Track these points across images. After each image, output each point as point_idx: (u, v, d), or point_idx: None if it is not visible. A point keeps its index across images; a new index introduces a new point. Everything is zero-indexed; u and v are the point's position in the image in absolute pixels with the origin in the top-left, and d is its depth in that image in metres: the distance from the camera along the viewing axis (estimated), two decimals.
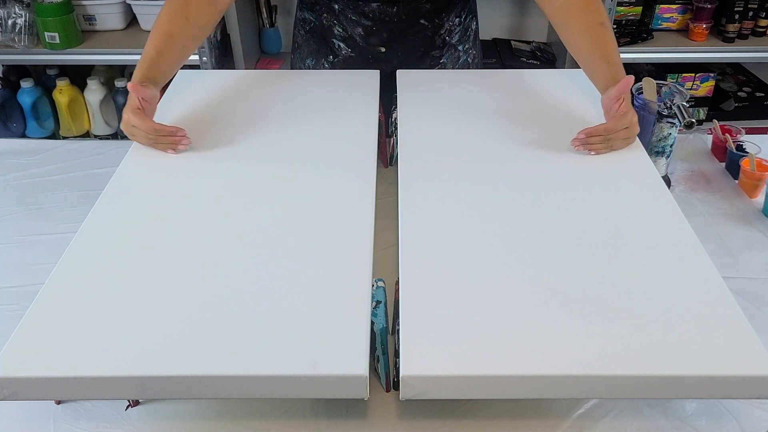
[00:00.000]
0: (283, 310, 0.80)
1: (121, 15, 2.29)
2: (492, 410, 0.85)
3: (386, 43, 1.38)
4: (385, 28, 1.36)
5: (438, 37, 1.41)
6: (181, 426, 0.84)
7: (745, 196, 1.27)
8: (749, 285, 1.05)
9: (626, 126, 1.09)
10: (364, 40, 1.38)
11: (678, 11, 2.33)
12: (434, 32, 1.40)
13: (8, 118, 2.35)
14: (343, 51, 1.41)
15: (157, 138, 1.09)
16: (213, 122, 1.20)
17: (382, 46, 1.38)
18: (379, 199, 1.01)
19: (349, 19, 1.36)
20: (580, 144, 1.09)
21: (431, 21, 1.37)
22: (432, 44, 1.41)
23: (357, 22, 1.35)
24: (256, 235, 0.92)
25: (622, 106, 1.08)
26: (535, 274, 0.85)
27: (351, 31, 1.37)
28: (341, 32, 1.39)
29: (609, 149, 1.11)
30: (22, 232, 1.19)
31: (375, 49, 1.39)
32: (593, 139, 1.09)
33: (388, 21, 1.34)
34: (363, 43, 1.39)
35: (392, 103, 1.28)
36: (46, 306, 0.81)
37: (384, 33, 1.37)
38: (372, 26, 1.35)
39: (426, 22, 1.37)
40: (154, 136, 1.09)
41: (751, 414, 0.85)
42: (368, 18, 1.34)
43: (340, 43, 1.40)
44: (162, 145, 1.10)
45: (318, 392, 0.74)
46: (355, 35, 1.37)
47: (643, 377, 0.73)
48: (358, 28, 1.36)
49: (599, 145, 1.09)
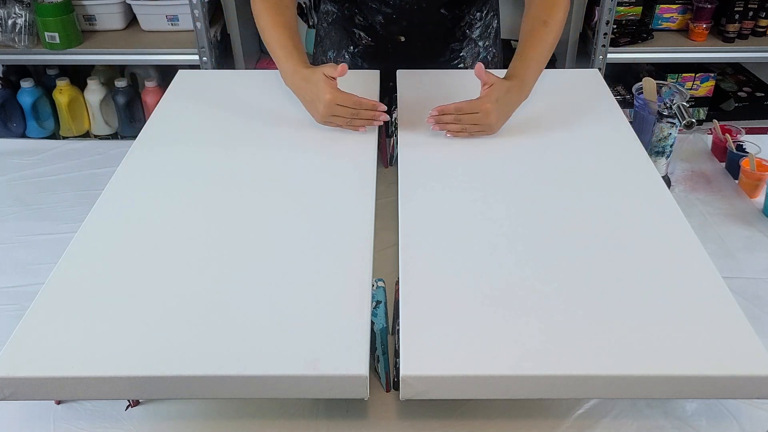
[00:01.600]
0: (283, 310, 0.80)
1: (121, 15, 2.29)
2: (492, 410, 0.85)
3: (406, 32, 1.38)
4: (405, 17, 1.36)
5: (458, 29, 1.41)
6: (181, 426, 0.84)
7: (745, 196, 1.27)
8: (749, 285, 1.05)
9: (476, 111, 1.11)
10: (384, 29, 1.39)
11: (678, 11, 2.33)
12: (454, 24, 1.40)
13: (8, 118, 2.35)
14: (363, 40, 1.42)
15: (359, 112, 1.13)
16: (213, 122, 1.20)
17: (402, 35, 1.39)
18: (379, 199, 1.01)
19: (370, 7, 1.36)
20: (433, 120, 1.13)
21: (451, 11, 1.38)
22: (452, 36, 1.42)
23: (377, 10, 1.36)
24: (256, 236, 0.92)
25: (482, 92, 1.12)
26: (535, 274, 0.85)
27: (371, 19, 1.38)
28: (362, 21, 1.39)
29: (464, 133, 1.13)
30: (22, 232, 1.19)
31: (395, 38, 1.39)
32: (445, 117, 1.12)
33: (408, 9, 1.35)
34: (383, 32, 1.39)
35: (392, 103, 1.28)
36: (46, 306, 0.81)
37: (404, 21, 1.37)
38: (392, 14, 1.36)
39: (446, 12, 1.37)
40: (358, 109, 1.13)
41: (751, 414, 0.85)
42: (388, 5, 1.34)
43: (361, 32, 1.40)
44: (361, 120, 1.14)
45: (318, 392, 0.74)
46: (376, 23, 1.38)
47: (643, 377, 0.74)
48: (379, 16, 1.37)
49: (451, 125, 1.13)
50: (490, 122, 1.12)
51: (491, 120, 1.12)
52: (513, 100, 1.16)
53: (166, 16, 2.25)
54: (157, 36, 2.27)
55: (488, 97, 1.12)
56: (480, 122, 1.12)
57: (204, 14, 2.11)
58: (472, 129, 1.13)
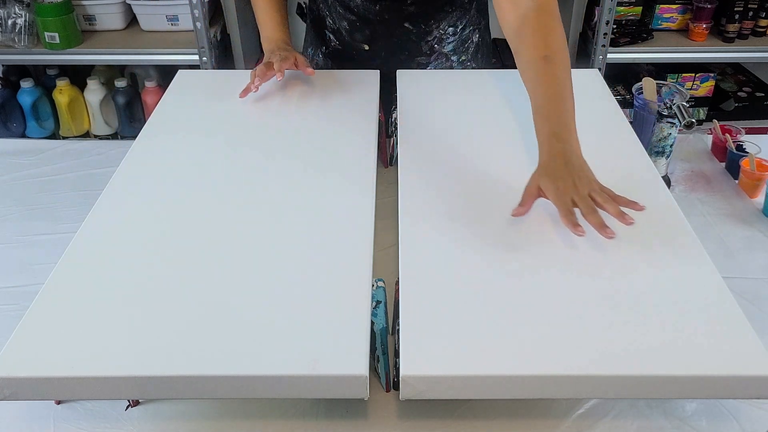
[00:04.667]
0: (283, 310, 0.80)
1: (121, 15, 2.28)
2: (492, 410, 0.85)
3: (369, 41, 1.38)
4: (368, 26, 1.36)
5: (425, 43, 1.38)
6: (181, 426, 0.84)
7: (745, 196, 1.27)
8: (749, 285, 1.05)
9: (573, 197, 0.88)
10: (349, 35, 1.38)
11: (678, 11, 2.33)
12: (420, 38, 1.37)
13: (8, 118, 2.35)
14: (332, 43, 1.42)
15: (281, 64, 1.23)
16: (213, 122, 1.20)
17: (366, 44, 1.38)
18: (379, 199, 1.01)
19: (337, 11, 1.36)
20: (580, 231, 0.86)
21: (416, 26, 1.36)
22: (418, 49, 1.39)
23: (343, 15, 1.36)
24: (256, 236, 0.92)
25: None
26: (535, 274, 0.85)
27: (338, 23, 1.38)
28: (331, 24, 1.40)
29: (595, 214, 0.87)
30: (22, 232, 1.19)
31: (359, 46, 1.39)
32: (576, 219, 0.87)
33: (371, 18, 1.34)
34: (348, 38, 1.39)
35: (392, 103, 1.28)
36: (46, 306, 0.81)
37: (367, 30, 1.36)
38: (356, 21, 1.35)
39: (411, 26, 1.36)
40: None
41: (751, 414, 0.85)
42: (353, 12, 1.34)
43: (331, 35, 1.41)
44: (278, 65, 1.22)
45: (318, 392, 0.74)
46: (342, 28, 1.38)
47: (643, 377, 0.73)
48: (344, 22, 1.37)
49: (590, 218, 0.87)
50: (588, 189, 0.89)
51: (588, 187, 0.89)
52: (560, 152, 0.93)
53: (166, 16, 2.25)
54: (157, 36, 2.27)
55: (534, 181, 0.92)
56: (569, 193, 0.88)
57: (204, 14, 2.11)
58: (586, 202, 0.88)
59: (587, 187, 0.89)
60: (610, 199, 0.88)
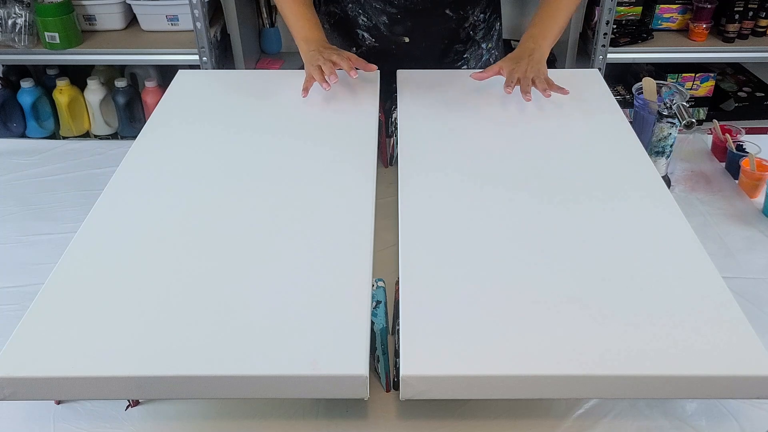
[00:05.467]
0: (283, 310, 0.80)
1: (121, 15, 2.28)
2: (492, 410, 0.85)
3: (410, 33, 1.39)
4: (409, 17, 1.36)
5: (462, 30, 1.41)
6: (181, 426, 0.84)
7: (745, 196, 1.27)
8: (749, 285, 1.05)
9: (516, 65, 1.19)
10: (388, 29, 1.39)
11: (678, 11, 2.33)
12: (459, 24, 1.40)
13: (8, 118, 2.35)
14: (367, 41, 1.42)
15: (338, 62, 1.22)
16: (213, 122, 1.20)
17: (406, 36, 1.39)
18: (379, 199, 1.01)
19: (374, 7, 1.36)
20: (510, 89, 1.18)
21: (456, 12, 1.38)
22: (456, 37, 1.42)
23: (382, 10, 1.36)
24: (256, 235, 0.92)
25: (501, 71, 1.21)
26: (534, 274, 0.85)
27: (376, 19, 1.38)
28: (365, 21, 1.39)
29: (530, 81, 1.18)
30: (22, 232, 1.19)
31: (399, 39, 1.39)
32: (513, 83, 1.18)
33: (412, 9, 1.35)
34: (387, 32, 1.39)
35: (392, 103, 1.28)
36: (46, 306, 0.81)
37: (408, 21, 1.37)
38: (397, 14, 1.36)
39: (451, 13, 1.38)
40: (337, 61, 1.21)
41: (751, 414, 0.85)
42: (393, 5, 1.35)
43: (365, 33, 1.41)
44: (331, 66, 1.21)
45: (318, 392, 0.74)
46: (380, 24, 1.38)
47: (643, 377, 0.74)
48: (383, 16, 1.37)
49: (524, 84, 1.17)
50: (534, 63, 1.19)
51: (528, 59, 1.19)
52: (528, 49, 1.22)
53: (166, 16, 2.25)
54: (157, 36, 2.27)
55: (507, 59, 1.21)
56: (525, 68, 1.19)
57: (204, 14, 2.11)
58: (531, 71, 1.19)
59: (533, 74, 1.18)
60: (544, 82, 1.19)
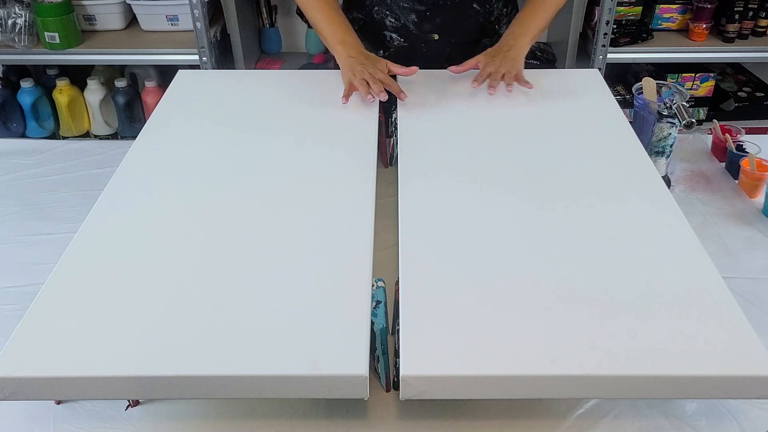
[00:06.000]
0: (283, 310, 0.80)
1: (121, 15, 2.28)
2: (492, 410, 0.85)
3: (440, 29, 1.40)
4: (438, 13, 1.38)
5: (489, 24, 1.43)
6: (181, 426, 0.84)
7: (745, 196, 1.27)
8: (749, 285, 1.05)
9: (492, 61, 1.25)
10: (417, 27, 1.40)
11: (678, 11, 2.33)
12: (485, 18, 1.42)
13: (8, 118, 2.35)
14: (396, 42, 1.42)
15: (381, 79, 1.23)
16: (213, 122, 1.20)
17: (436, 33, 1.40)
18: (379, 199, 1.01)
19: (402, 7, 1.37)
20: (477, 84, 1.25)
21: (483, 5, 1.40)
22: (483, 31, 1.43)
23: (410, 8, 1.37)
24: (256, 236, 0.92)
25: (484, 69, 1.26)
26: (534, 274, 0.85)
27: (404, 19, 1.39)
28: (393, 22, 1.40)
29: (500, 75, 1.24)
30: (22, 232, 1.19)
31: (428, 36, 1.40)
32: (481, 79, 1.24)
33: (441, 5, 1.36)
34: (416, 31, 1.40)
35: (392, 103, 1.28)
36: (46, 306, 0.81)
37: (438, 18, 1.38)
38: (426, 11, 1.37)
39: (478, 7, 1.39)
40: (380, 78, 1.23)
41: (751, 414, 0.85)
42: (422, 3, 1.36)
43: (393, 34, 1.42)
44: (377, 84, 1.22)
45: (318, 392, 0.74)
46: (409, 23, 1.39)
47: (643, 377, 0.74)
48: (412, 15, 1.38)
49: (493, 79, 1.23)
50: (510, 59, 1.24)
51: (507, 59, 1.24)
52: (506, 44, 1.27)
53: (166, 16, 2.25)
54: (157, 36, 2.26)
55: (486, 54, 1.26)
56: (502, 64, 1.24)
57: (204, 14, 2.11)
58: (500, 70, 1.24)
59: (505, 70, 1.25)
60: (513, 78, 1.25)
